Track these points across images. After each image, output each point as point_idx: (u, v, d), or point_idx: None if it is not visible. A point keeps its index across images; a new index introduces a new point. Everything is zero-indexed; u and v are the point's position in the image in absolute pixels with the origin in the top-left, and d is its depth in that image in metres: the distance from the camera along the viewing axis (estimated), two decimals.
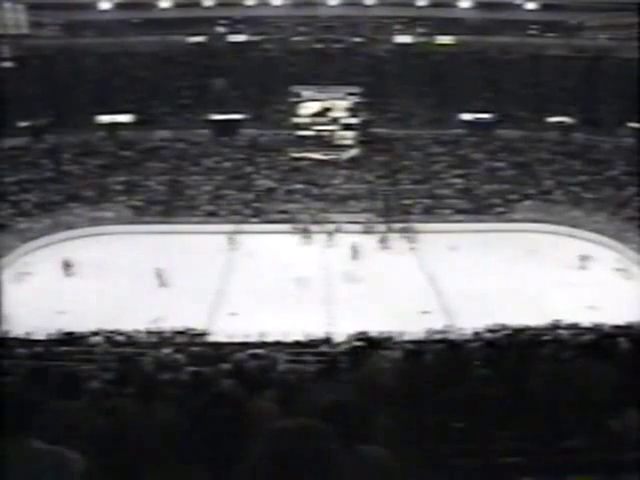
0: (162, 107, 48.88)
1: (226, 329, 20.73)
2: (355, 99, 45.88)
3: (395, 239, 36.03)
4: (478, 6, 50.44)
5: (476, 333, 17.60)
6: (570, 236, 36.53)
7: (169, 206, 41.13)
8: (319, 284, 29.49)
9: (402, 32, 53.79)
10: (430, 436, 3.67)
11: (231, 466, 3.01)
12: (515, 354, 7.56)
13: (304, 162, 45.04)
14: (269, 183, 43.46)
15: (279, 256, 33.07)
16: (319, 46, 53.45)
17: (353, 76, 48.35)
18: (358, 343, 15.37)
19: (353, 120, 45.94)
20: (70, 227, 37.69)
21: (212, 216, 40.10)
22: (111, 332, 19.23)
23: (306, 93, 46.08)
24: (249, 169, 44.89)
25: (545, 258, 32.18)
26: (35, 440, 2.86)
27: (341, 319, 24.10)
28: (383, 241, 35.46)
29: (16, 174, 40.97)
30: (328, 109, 46.07)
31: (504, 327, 18.10)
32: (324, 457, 2.24)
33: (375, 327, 18.43)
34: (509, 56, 50.93)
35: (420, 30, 53.36)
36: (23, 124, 44.24)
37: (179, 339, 19.18)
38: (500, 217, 39.64)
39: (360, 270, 30.78)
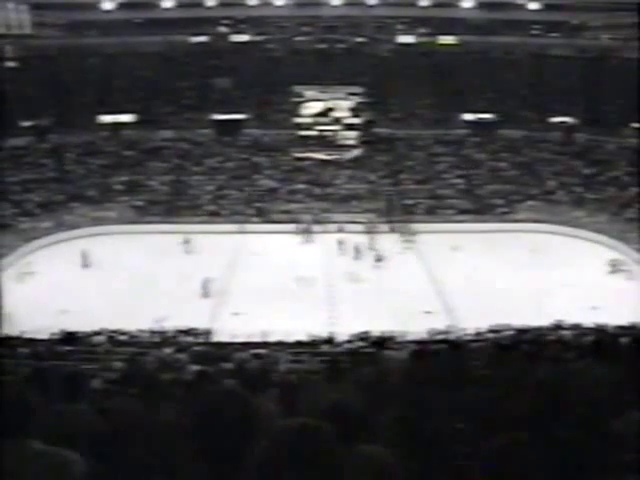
0: (165, 107, 48.92)
1: (229, 329, 20.78)
2: (357, 99, 45.91)
3: (395, 239, 35.99)
4: (480, 6, 50.42)
5: (478, 333, 17.63)
6: (572, 236, 36.48)
7: (171, 206, 41.16)
8: (321, 284, 29.49)
9: (404, 32, 53.76)
10: (431, 437, 3.67)
11: (230, 466, 3.02)
12: (518, 354, 7.57)
13: (307, 162, 45.05)
14: (272, 183, 43.49)
15: (281, 256, 33.04)
16: (322, 46, 53.43)
17: (355, 76, 48.33)
18: (361, 343, 15.43)
19: (355, 120, 45.95)
20: (73, 227, 37.73)
21: (214, 216, 40.11)
22: (114, 331, 19.26)
23: (309, 93, 46.10)
24: (251, 169, 44.91)
25: (546, 258, 32.12)
26: (34, 441, 2.86)
27: (343, 319, 24.10)
28: (371, 245, 34.39)
29: (19, 174, 41.05)
30: (330, 109, 46.09)
31: (507, 327, 18.11)
32: (326, 457, 2.25)
33: (377, 327, 18.45)
34: (512, 56, 50.85)
35: (422, 30, 53.31)
36: (26, 124, 44.31)
37: (182, 339, 19.20)
38: (502, 217, 39.62)
39: (362, 270, 30.78)
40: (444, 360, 6.83)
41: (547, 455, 3.14)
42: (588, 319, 18.03)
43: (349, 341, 17.07)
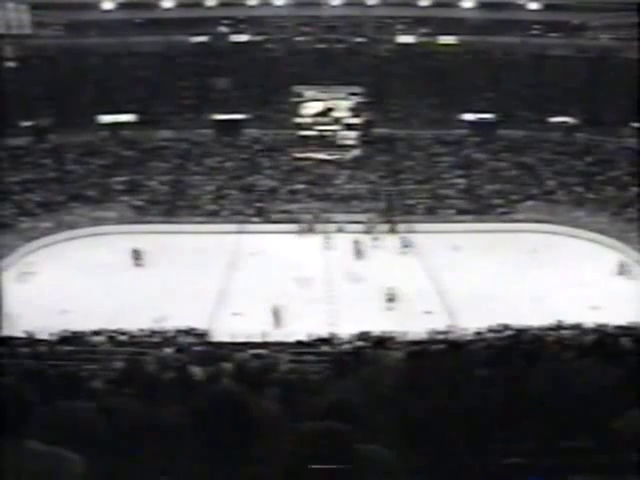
0: (165, 107, 48.91)
1: (229, 329, 20.83)
2: (357, 99, 45.88)
3: (394, 239, 36.01)
4: (481, 6, 50.37)
5: (478, 333, 17.63)
6: (572, 236, 36.50)
7: (171, 206, 41.15)
8: (321, 284, 29.48)
9: (404, 32, 53.75)
10: (431, 436, 3.67)
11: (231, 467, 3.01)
12: (518, 354, 7.56)
13: (307, 162, 45.04)
14: (272, 183, 43.47)
15: (282, 256, 33.04)
16: (322, 46, 53.43)
17: (355, 76, 48.31)
18: (361, 343, 15.40)
19: (355, 120, 45.94)
20: (73, 227, 37.73)
21: (214, 216, 40.11)
22: (114, 331, 19.29)
23: (309, 93, 46.09)
24: (251, 169, 44.90)
25: (546, 258, 32.14)
26: (33, 441, 2.85)
27: (344, 318, 24.08)
28: (358, 251, 34.04)
29: (19, 174, 41.06)
30: (330, 109, 46.08)
31: (506, 327, 18.12)
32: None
33: (377, 327, 18.46)
34: (512, 56, 50.87)
35: (422, 30, 53.31)
36: (26, 124, 44.28)
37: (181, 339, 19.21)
38: (503, 217, 39.62)
39: (363, 270, 30.77)
40: (443, 360, 6.82)
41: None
42: (588, 319, 18.05)
43: (349, 341, 17.08)
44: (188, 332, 20.50)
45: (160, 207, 41.03)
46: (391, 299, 27.16)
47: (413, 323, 20.44)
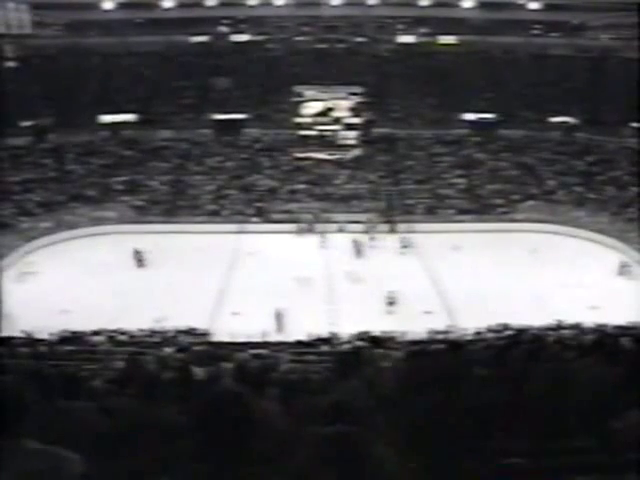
0: (165, 107, 48.91)
1: (229, 329, 20.83)
2: (358, 99, 45.88)
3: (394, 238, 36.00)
4: (481, 6, 50.40)
5: (478, 333, 17.63)
6: (572, 236, 36.51)
7: (172, 206, 41.15)
8: (321, 283, 29.47)
9: (405, 32, 53.77)
10: (431, 436, 3.67)
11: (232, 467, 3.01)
12: (518, 354, 7.55)
13: (307, 162, 45.04)
14: (272, 183, 43.48)
15: (282, 256, 33.04)
16: (322, 46, 53.45)
17: (356, 76, 48.32)
18: (360, 343, 15.40)
19: (356, 120, 45.94)
20: (73, 227, 37.73)
21: (215, 216, 40.12)
22: (113, 331, 19.29)
23: (309, 93, 46.09)
24: (252, 169, 44.90)
25: (547, 258, 32.15)
26: (32, 441, 2.85)
27: (344, 318, 24.06)
28: (358, 250, 34.20)
29: (19, 174, 41.06)
30: (331, 109, 46.08)
31: (506, 327, 18.11)
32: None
33: (377, 327, 18.44)
34: (512, 56, 50.89)
35: (423, 30, 53.32)
36: (26, 124, 44.26)
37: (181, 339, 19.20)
38: (503, 217, 39.62)
39: (363, 270, 30.77)
40: (443, 360, 6.81)
41: None
42: (588, 319, 18.04)
43: (348, 341, 17.06)
44: (188, 332, 20.50)
45: (160, 207, 41.02)
46: (391, 302, 26.65)
47: (413, 323, 20.43)
